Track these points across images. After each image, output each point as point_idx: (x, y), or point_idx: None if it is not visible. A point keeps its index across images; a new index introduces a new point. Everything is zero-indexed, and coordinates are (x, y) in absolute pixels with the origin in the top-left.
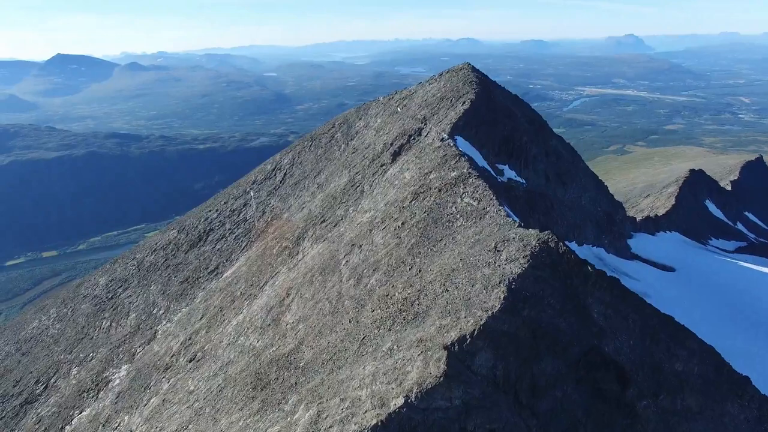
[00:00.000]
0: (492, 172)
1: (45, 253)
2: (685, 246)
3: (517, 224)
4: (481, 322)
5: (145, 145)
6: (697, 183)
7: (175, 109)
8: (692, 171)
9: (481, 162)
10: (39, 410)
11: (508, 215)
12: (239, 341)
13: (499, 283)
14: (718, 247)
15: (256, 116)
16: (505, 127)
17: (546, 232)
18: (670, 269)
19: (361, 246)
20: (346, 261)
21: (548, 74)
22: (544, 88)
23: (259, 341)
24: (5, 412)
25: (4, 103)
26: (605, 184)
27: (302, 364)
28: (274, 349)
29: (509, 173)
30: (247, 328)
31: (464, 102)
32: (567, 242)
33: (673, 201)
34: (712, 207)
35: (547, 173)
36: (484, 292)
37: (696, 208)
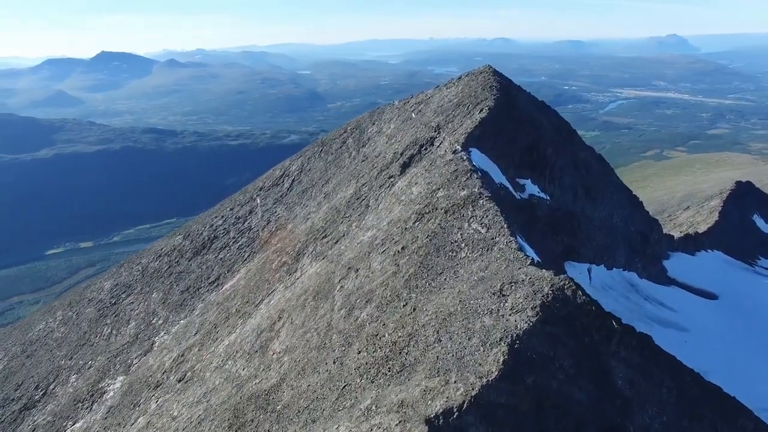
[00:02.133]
0: (511, 188)
1: (82, 243)
2: (730, 268)
3: (529, 261)
4: (473, 393)
5: (179, 140)
6: (744, 196)
7: (210, 105)
8: (739, 183)
9: (499, 177)
10: (35, 418)
11: (520, 248)
12: (227, 365)
13: (500, 339)
14: (767, 269)
15: (289, 114)
16: (528, 137)
17: (562, 276)
18: (712, 296)
19: (357, 270)
20: (341, 286)
21: (584, 75)
22: (580, 89)
23: (245, 369)
24: (4, 416)
25: (52, 99)
26: (640, 199)
27: (279, 407)
28: (256, 381)
29: (531, 188)
30: (236, 352)
31: (482, 109)
32: (595, 266)
33: (716, 216)
34: (760, 222)
35: (575, 188)
36: (482, 349)
37: (742, 224)
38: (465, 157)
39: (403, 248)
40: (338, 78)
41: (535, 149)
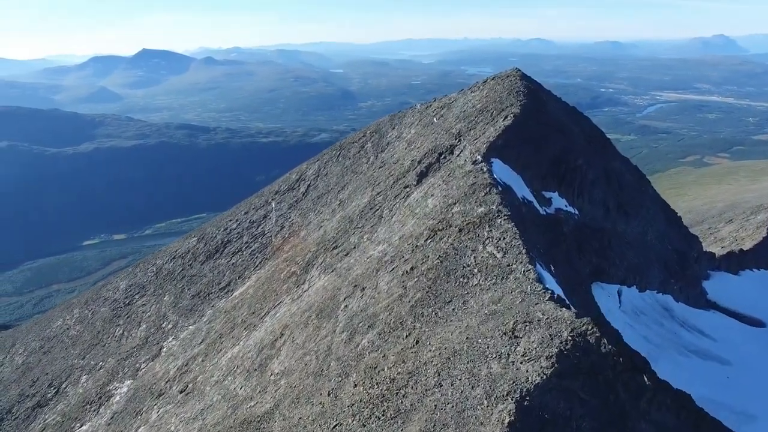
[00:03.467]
0: (535, 202)
1: (116, 236)
2: None
3: (548, 295)
4: None
5: (211, 136)
6: None
7: (243, 102)
8: None
9: (522, 190)
10: (47, 416)
11: (538, 279)
12: (226, 381)
13: (508, 394)
14: None
15: (320, 112)
16: (556, 147)
17: (584, 319)
18: (759, 323)
19: (364, 289)
20: (345, 305)
21: (623, 77)
22: (617, 92)
23: (242, 388)
24: (19, 412)
25: (95, 95)
26: (679, 213)
27: None
28: (251, 404)
29: (558, 202)
30: (237, 367)
31: (506, 116)
32: (626, 287)
33: (764, 232)
34: None
35: (607, 202)
36: (485, 403)
37: None
38: (485, 169)
39: (412, 268)
40: (371, 77)
41: (563, 160)
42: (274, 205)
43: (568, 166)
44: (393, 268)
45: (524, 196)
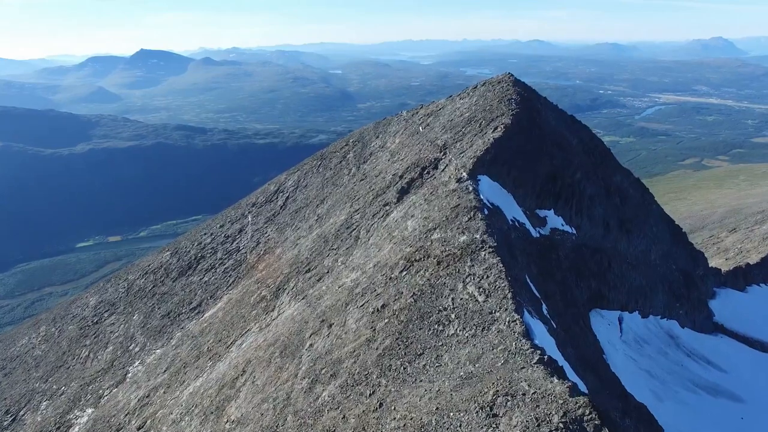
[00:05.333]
0: (527, 223)
1: (110, 237)
2: None
3: (537, 357)
4: None
5: (208, 138)
6: None
7: (242, 103)
8: None
9: (513, 210)
10: None
11: (526, 332)
12: (183, 423)
13: None
14: None
15: (319, 113)
16: (553, 160)
17: (580, 400)
18: None
19: (331, 326)
20: (311, 344)
21: (622, 79)
22: (616, 94)
23: None
24: None
25: (94, 95)
26: (679, 219)
27: None
28: None
29: (554, 221)
30: (196, 405)
31: (496, 128)
32: (628, 313)
33: None
34: None
35: (607, 220)
36: None
37: None
38: (471, 189)
39: (383, 306)
40: (370, 78)
41: (559, 175)
42: (250, 219)
43: (564, 182)
44: (364, 303)
45: (515, 218)
